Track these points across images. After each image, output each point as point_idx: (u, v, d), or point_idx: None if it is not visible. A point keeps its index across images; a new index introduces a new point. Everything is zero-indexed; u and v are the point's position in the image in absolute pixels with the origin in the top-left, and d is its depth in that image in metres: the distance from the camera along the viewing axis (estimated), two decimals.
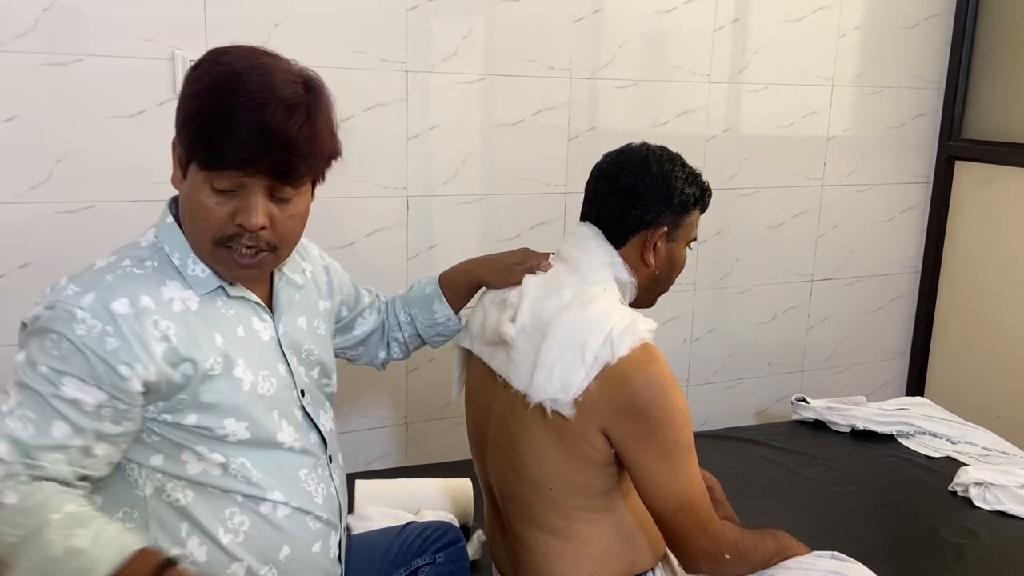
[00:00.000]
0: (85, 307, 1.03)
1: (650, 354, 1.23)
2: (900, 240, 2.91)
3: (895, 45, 2.72)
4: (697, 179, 1.39)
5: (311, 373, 1.26)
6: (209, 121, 1.04)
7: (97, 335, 1.02)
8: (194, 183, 1.07)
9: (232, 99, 1.03)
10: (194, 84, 1.07)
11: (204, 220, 1.08)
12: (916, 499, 2.07)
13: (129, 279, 1.07)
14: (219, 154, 1.04)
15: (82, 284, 1.06)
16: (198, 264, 1.12)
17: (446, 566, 1.38)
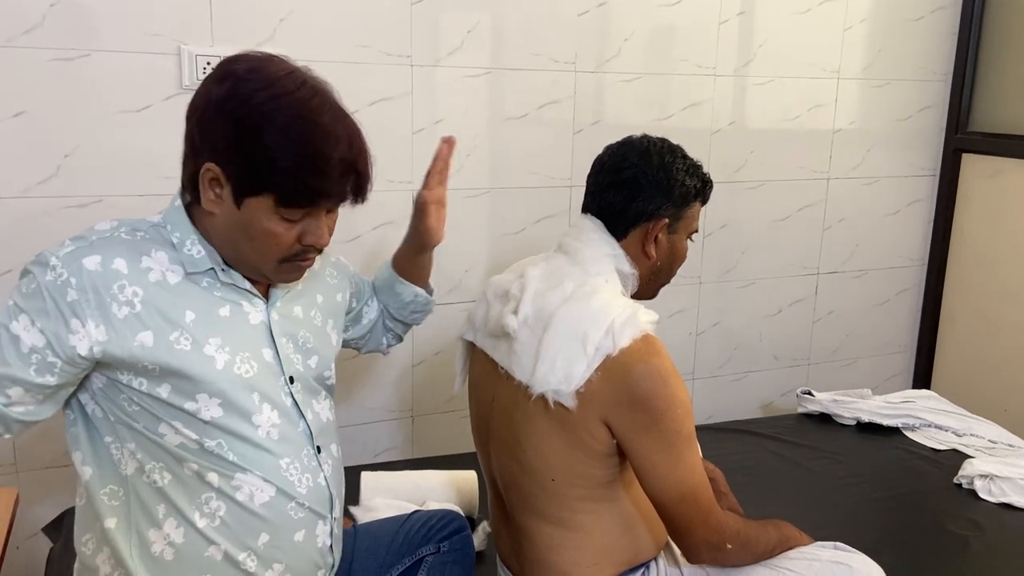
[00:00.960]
0: (60, 257, 1.06)
1: (651, 345, 1.24)
2: (906, 233, 2.90)
3: (901, 38, 2.71)
4: (698, 171, 1.39)
5: (307, 362, 1.25)
6: (297, 161, 1.06)
7: (60, 284, 1.05)
8: (257, 212, 1.09)
9: (317, 137, 1.07)
10: (257, 118, 1.06)
11: (273, 246, 1.12)
12: (921, 491, 2.07)
13: (112, 242, 1.10)
14: (308, 197, 1.09)
15: (73, 241, 1.10)
16: (195, 246, 1.14)
17: (451, 554, 1.39)
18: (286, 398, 1.20)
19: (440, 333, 2.31)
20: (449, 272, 2.30)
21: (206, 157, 1.08)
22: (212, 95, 1.08)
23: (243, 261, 1.16)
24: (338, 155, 1.08)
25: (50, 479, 1.98)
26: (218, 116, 1.07)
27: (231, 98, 1.07)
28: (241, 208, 1.09)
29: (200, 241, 1.15)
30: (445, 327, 2.30)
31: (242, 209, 1.09)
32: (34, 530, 1.96)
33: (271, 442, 1.16)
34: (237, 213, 1.10)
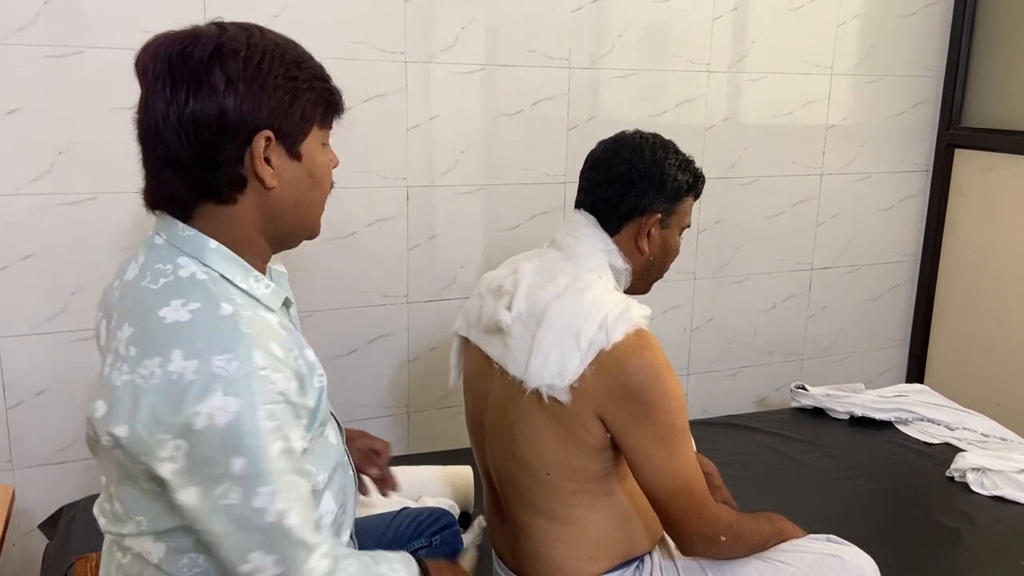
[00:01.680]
0: (265, 365, 0.94)
1: (644, 340, 1.25)
2: (899, 228, 2.92)
3: (894, 33, 2.72)
4: (690, 166, 1.40)
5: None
6: (318, 83, 1.06)
7: (286, 381, 0.96)
8: (313, 153, 1.07)
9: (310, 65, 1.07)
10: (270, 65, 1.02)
11: (328, 179, 1.11)
12: (914, 485, 2.09)
13: (254, 323, 0.99)
14: (336, 105, 1.10)
15: (229, 349, 0.94)
16: (260, 281, 1.05)
17: (441, 548, 1.40)
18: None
19: (435, 329, 2.32)
20: (444, 268, 2.31)
21: (245, 136, 1.00)
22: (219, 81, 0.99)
23: (305, 224, 1.11)
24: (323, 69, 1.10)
25: (46, 476, 1.98)
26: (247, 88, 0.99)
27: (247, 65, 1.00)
28: (302, 158, 1.06)
29: (258, 273, 1.07)
30: (440, 323, 2.31)
31: (303, 159, 1.06)
32: (30, 527, 1.96)
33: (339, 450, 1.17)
34: (299, 167, 1.06)
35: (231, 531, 0.94)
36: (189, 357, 0.92)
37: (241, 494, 0.93)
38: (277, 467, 0.93)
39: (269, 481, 0.93)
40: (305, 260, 2.13)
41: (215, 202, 1.02)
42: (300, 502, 0.96)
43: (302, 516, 0.96)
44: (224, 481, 0.92)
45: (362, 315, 2.24)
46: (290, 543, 0.95)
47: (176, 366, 0.92)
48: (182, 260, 1.02)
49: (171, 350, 0.93)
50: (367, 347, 2.27)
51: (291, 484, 0.95)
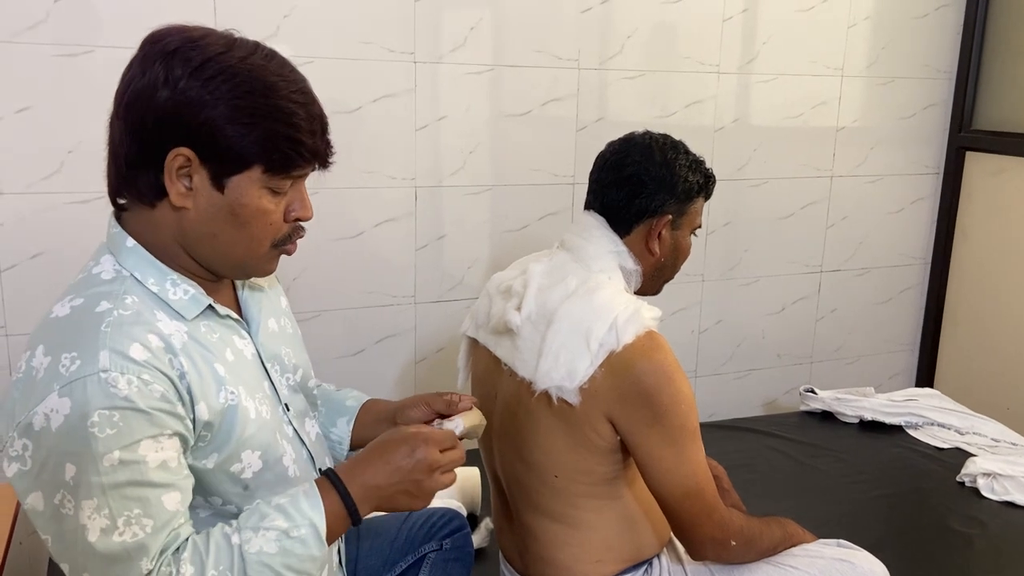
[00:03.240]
0: (108, 367, 0.89)
1: (655, 342, 1.24)
2: (910, 231, 2.90)
3: (905, 35, 2.70)
4: (700, 166, 1.39)
5: (295, 378, 1.17)
6: (274, 122, 0.95)
7: (140, 386, 0.89)
8: (247, 192, 0.97)
9: (285, 95, 0.96)
10: (218, 85, 0.94)
11: (266, 227, 1.00)
12: (924, 489, 2.07)
13: (124, 323, 0.93)
14: (297, 156, 0.98)
15: (78, 347, 0.90)
16: (178, 286, 1.00)
17: (452, 552, 1.39)
18: (288, 428, 1.12)
19: (443, 330, 2.31)
20: (451, 269, 2.30)
21: (170, 144, 0.94)
22: (160, 76, 0.94)
23: (226, 258, 1.02)
24: (316, 110, 1.00)
25: None
26: (181, 94, 0.93)
27: (194, 72, 0.93)
28: (225, 191, 0.96)
29: (180, 276, 1.01)
30: (448, 324, 2.31)
31: (226, 192, 0.96)
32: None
33: (297, 480, 1.09)
34: (220, 199, 0.97)
35: (64, 547, 0.91)
36: (47, 353, 0.91)
37: (72, 506, 0.88)
38: (110, 479, 0.88)
39: (96, 495, 0.88)
40: (312, 261, 2.13)
41: (139, 201, 0.99)
42: (137, 522, 0.90)
43: (136, 536, 0.90)
44: (61, 488, 0.88)
45: (369, 315, 2.24)
46: (118, 568, 0.90)
47: (36, 361, 0.91)
48: (104, 258, 1.01)
49: (38, 344, 0.92)
50: (374, 347, 2.26)
51: (129, 500, 0.89)
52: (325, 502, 0.99)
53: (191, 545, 0.94)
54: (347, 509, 1.00)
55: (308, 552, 0.97)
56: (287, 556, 0.95)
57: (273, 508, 0.98)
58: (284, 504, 0.98)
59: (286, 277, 2.10)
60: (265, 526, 0.96)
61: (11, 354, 1.88)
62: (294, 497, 0.99)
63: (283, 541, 0.96)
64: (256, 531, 0.96)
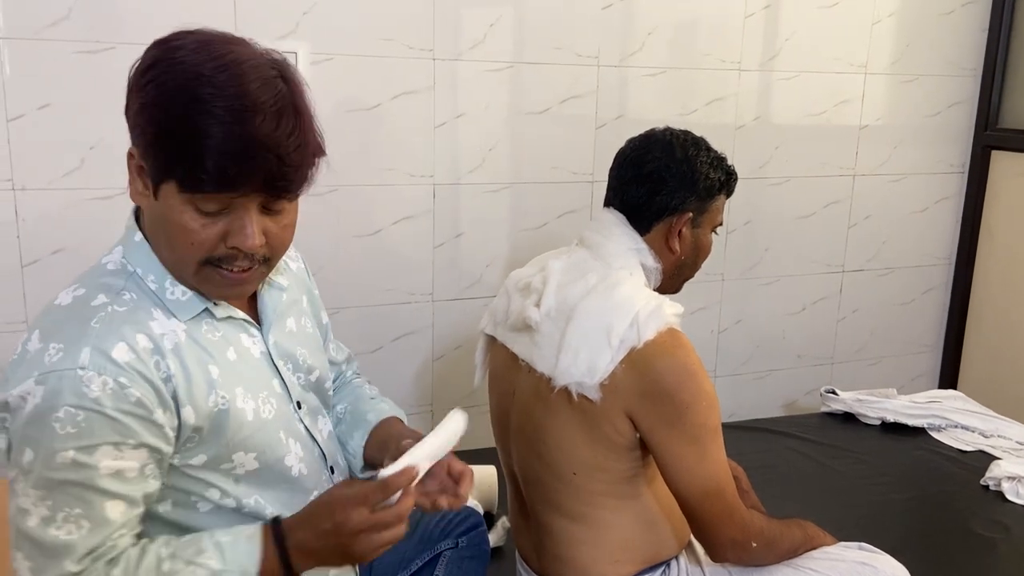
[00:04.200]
0: (86, 365, 0.88)
1: (676, 339, 1.22)
2: (934, 231, 2.86)
3: (931, 32, 2.67)
4: (722, 163, 1.37)
5: (309, 378, 1.17)
6: (182, 138, 0.89)
7: (113, 390, 0.89)
8: (171, 204, 0.92)
9: (206, 109, 0.88)
10: (151, 89, 0.91)
11: (188, 245, 0.94)
12: (947, 493, 2.04)
13: (115, 320, 0.93)
14: (200, 178, 0.89)
15: (65, 339, 0.90)
16: (177, 286, 0.99)
17: (468, 549, 1.38)
18: (299, 425, 1.11)
19: (460, 328, 2.31)
20: (470, 267, 2.30)
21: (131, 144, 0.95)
22: (132, 76, 0.95)
23: (176, 271, 0.99)
24: (234, 134, 0.88)
25: None
26: (129, 95, 0.94)
27: (141, 74, 0.93)
28: (158, 197, 0.94)
29: (175, 282, 1.00)
30: (465, 322, 2.30)
31: (159, 199, 0.93)
32: None
33: (303, 478, 1.10)
34: (156, 205, 0.94)
35: (10, 518, 0.93)
36: (41, 339, 0.92)
37: (21, 487, 0.91)
38: (59, 476, 0.89)
39: (43, 486, 0.89)
40: (330, 258, 2.13)
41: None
42: (75, 521, 0.90)
43: (70, 534, 0.90)
44: (15, 468, 0.91)
45: (387, 313, 2.24)
46: (46, 558, 0.91)
47: (31, 345, 0.93)
48: (116, 249, 1.02)
49: (36, 329, 0.94)
50: (392, 345, 2.26)
51: (72, 498, 0.90)
52: (264, 552, 0.97)
53: (124, 560, 0.94)
54: (282, 563, 0.97)
55: None
56: None
57: (212, 545, 0.97)
58: (223, 544, 0.97)
59: None
60: (198, 561, 0.95)
61: None
62: (235, 538, 0.97)
63: None
64: (188, 564, 0.95)
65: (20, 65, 1.78)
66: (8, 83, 1.78)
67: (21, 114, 1.80)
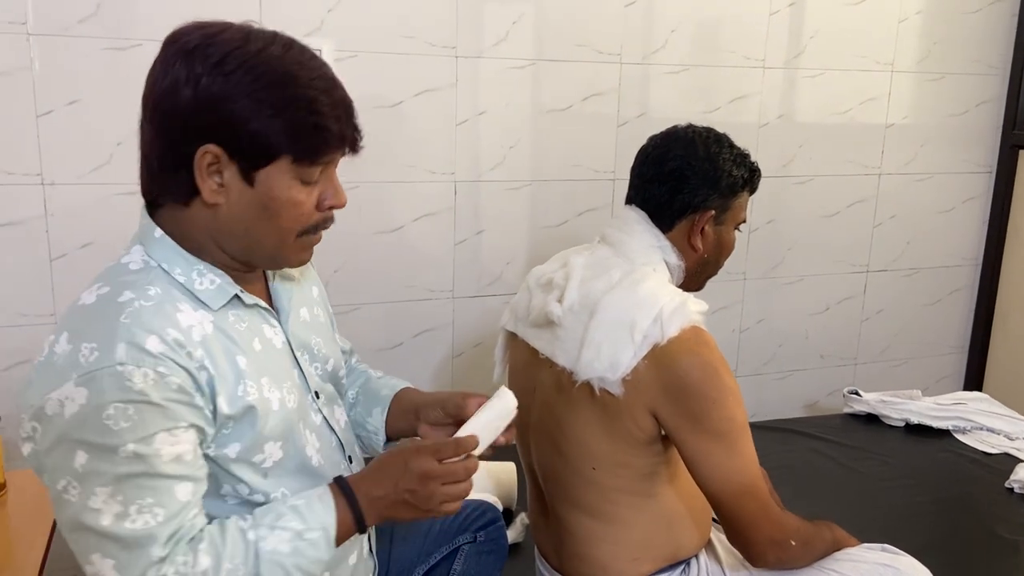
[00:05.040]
0: (124, 360, 0.90)
1: (700, 336, 1.22)
2: (960, 231, 2.83)
3: (958, 30, 2.63)
4: (745, 160, 1.36)
5: (325, 368, 1.18)
6: (299, 112, 0.96)
7: (155, 380, 0.91)
8: (277, 184, 0.98)
9: (307, 83, 0.96)
10: (240, 78, 0.94)
11: (296, 218, 1.00)
12: (971, 495, 2.02)
13: (143, 314, 0.94)
14: (321, 144, 0.98)
15: (98, 338, 0.91)
16: (204, 276, 1.01)
17: (487, 544, 1.39)
18: (316, 416, 1.13)
19: (480, 325, 2.31)
20: (490, 264, 2.30)
21: (199, 143, 0.95)
22: (182, 76, 0.95)
23: (258, 250, 1.03)
24: (339, 95, 1.00)
25: None
26: (203, 91, 0.94)
27: (214, 68, 0.94)
28: (255, 184, 0.98)
29: (208, 267, 1.02)
30: (485, 319, 2.31)
31: (256, 185, 0.98)
32: None
33: (322, 467, 1.11)
34: (250, 192, 0.98)
35: (69, 529, 0.93)
36: (70, 341, 0.92)
37: (80, 492, 0.90)
38: (125, 470, 0.90)
39: (109, 483, 0.90)
40: (352, 254, 2.14)
41: (173, 200, 1.01)
42: (149, 511, 0.91)
43: (147, 524, 0.91)
44: (67, 475, 0.91)
45: (408, 309, 2.25)
46: (128, 552, 0.91)
47: (60, 347, 0.93)
48: (135, 248, 1.03)
49: (63, 330, 0.94)
50: (412, 341, 2.27)
51: (143, 488, 0.91)
52: (338, 507, 1.01)
53: (207, 536, 0.95)
54: (354, 517, 1.02)
55: (318, 555, 0.99)
56: (298, 556, 0.97)
57: (288, 509, 1.00)
58: (299, 506, 1.00)
59: (326, 270, 2.12)
60: (280, 525, 0.98)
61: None
62: (308, 500, 1.01)
63: (296, 542, 0.97)
64: (272, 529, 0.97)
65: (49, 61, 1.81)
66: (38, 79, 1.81)
67: (50, 110, 1.83)
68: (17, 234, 1.86)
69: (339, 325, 1.35)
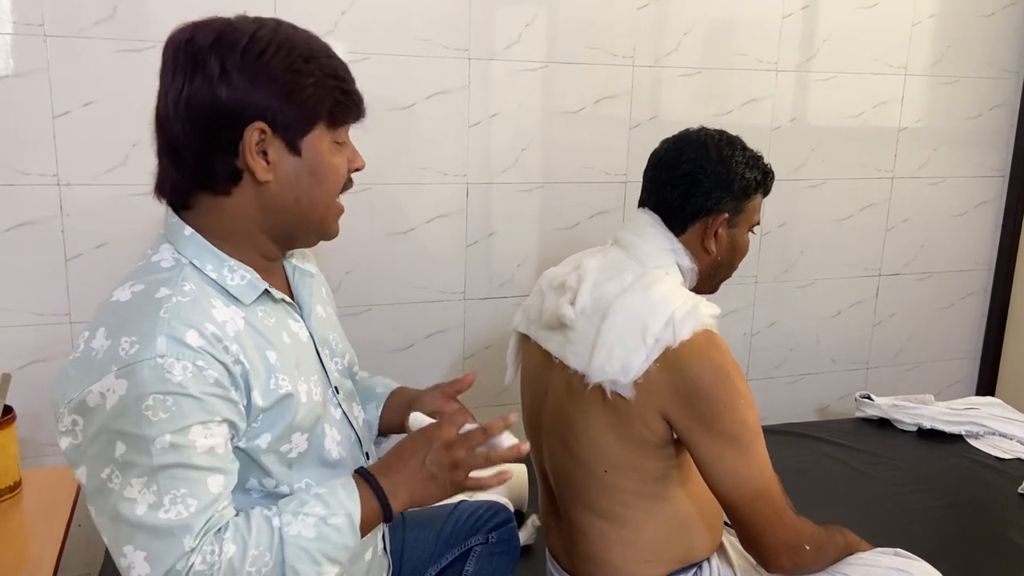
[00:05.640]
0: (165, 353, 0.92)
1: (712, 340, 1.22)
2: (973, 235, 2.81)
3: (972, 33, 2.62)
4: (758, 162, 1.36)
5: (343, 363, 1.21)
6: (328, 81, 1.03)
7: (193, 373, 0.93)
8: (317, 150, 1.04)
9: (326, 57, 1.05)
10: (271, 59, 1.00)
11: (336, 179, 1.07)
12: (984, 500, 2.01)
13: (181, 309, 0.96)
14: (352, 105, 1.07)
15: (137, 331, 0.94)
16: (235, 272, 1.04)
17: (499, 545, 1.39)
18: (336, 410, 1.15)
19: (492, 327, 2.32)
20: (501, 266, 2.30)
21: (241, 128, 0.99)
22: (214, 70, 0.99)
23: (307, 221, 1.07)
24: (344, 67, 1.08)
25: None
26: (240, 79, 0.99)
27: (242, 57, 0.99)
28: (302, 153, 1.03)
29: (237, 263, 1.04)
30: (497, 321, 2.31)
31: (303, 154, 1.03)
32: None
33: (342, 460, 1.13)
34: (299, 162, 1.03)
35: (107, 519, 0.95)
36: (108, 336, 0.95)
37: (119, 481, 0.93)
38: (160, 460, 0.92)
39: (146, 473, 0.92)
40: (364, 256, 2.15)
41: (212, 193, 1.03)
42: (182, 501, 0.93)
43: (180, 514, 0.93)
44: (109, 464, 0.93)
45: (419, 311, 2.25)
46: (161, 541, 0.92)
47: (97, 343, 0.95)
48: (164, 246, 1.05)
49: (99, 327, 0.96)
50: (424, 342, 2.27)
51: (177, 479, 0.93)
52: (361, 495, 1.03)
53: (233, 525, 0.97)
54: (380, 503, 1.03)
55: (343, 540, 1.00)
56: (323, 542, 0.99)
57: (312, 496, 1.01)
58: (323, 494, 1.02)
59: (339, 271, 2.13)
60: (304, 511, 0.99)
61: (75, 340, 1.93)
62: (332, 488, 1.03)
63: (321, 527, 0.99)
64: (296, 515, 0.99)
65: (65, 63, 1.82)
66: (54, 80, 1.82)
67: (66, 111, 1.84)
68: (33, 234, 1.88)
69: (351, 326, 1.36)
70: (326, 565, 0.99)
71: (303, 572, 0.97)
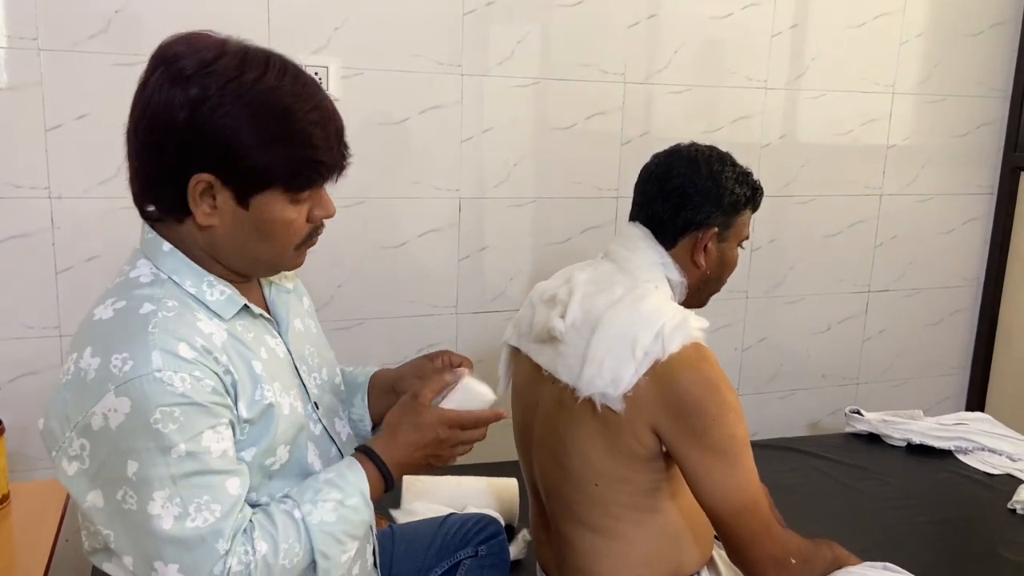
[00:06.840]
0: (161, 366, 0.92)
1: (701, 353, 1.22)
2: (962, 252, 2.84)
3: (959, 52, 2.66)
4: (748, 178, 1.38)
5: (321, 378, 1.20)
6: (293, 147, 0.97)
7: (193, 383, 0.93)
8: (270, 208, 0.99)
9: (303, 117, 0.97)
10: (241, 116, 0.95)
11: (291, 235, 1.03)
12: (974, 516, 2.01)
13: (168, 324, 0.96)
14: (316, 174, 1.00)
15: (127, 348, 0.93)
16: (214, 287, 1.03)
17: (488, 558, 1.39)
18: (315, 426, 1.14)
19: (484, 341, 2.32)
20: (493, 280, 2.31)
21: (192, 169, 0.96)
22: (178, 98, 0.95)
23: (256, 263, 1.06)
24: (333, 127, 1.01)
25: None
26: (200, 120, 0.94)
27: (211, 99, 0.94)
28: (249, 208, 0.99)
29: (216, 278, 1.04)
30: (488, 335, 2.31)
31: (251, 209, 0.99)
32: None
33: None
34: (245, 215, 0.99)
35: (129, 541, 0.94)
36: (95, 355, 0.94)
37: (138, 499, 0.92)
38: (179, 470, 0.92)
39: (166, 485, 0.92)
40: (356, 269, 2.15)
41: (167, 215, 1.02)
42: (207, 508, 0.93)
43: (208, 521, 0.93)
44: (123, 485, 0.92)
45: (411, 324, 2.26)
46: (193, 551, 0.92)
47: (84, 362, 0.94)
48: (141, 262, 1.04)
49: (85, 347, 0.95)
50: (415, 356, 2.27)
51: (198, 487, 0.93)
52: (366, 471, 1.06)
53: (258, 524, 0.98)
54: (382, 473, 1.07)
55: (360, 517, 1.04)
56: (344, 523, 1.02)
57: (324, 483, 1.04)
58: (332, 479, 1.05)
59: (331, 284, 2.13)
60: (321, 498, 1.02)
61: (65, 354, 1.93)
62: (339, 471, 1.06)
63: (340, 510, 1.02)
64: (314, 504, 1.02)
65: (58, 76, 1.83)
66: (47, 94, 1.83)
67: (59, 124, 1.85)
68: (24, 246, 1.88)
69: (342, 340, 1.36)
70: (349, 543, 1.03)
71: (331, 554, 1.01)
